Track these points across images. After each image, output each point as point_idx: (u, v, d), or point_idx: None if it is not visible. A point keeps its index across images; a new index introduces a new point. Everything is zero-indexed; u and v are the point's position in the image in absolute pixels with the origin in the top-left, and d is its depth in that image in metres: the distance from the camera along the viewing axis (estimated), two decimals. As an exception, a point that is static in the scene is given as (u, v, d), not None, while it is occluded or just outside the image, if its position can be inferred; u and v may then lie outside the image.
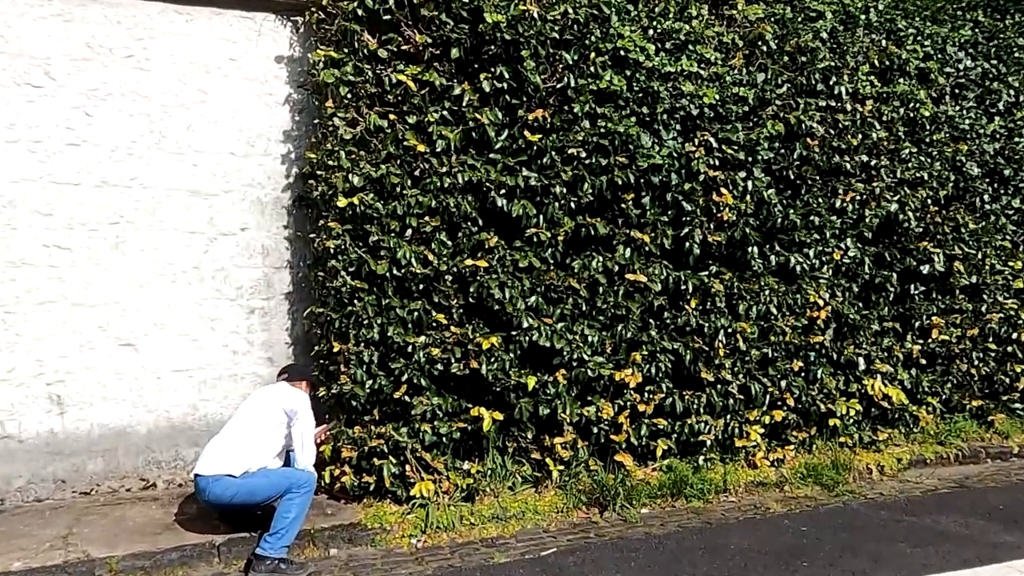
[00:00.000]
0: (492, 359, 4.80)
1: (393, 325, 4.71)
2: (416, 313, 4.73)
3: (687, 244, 5.21)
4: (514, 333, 4.86)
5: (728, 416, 5.41)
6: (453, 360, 4.77)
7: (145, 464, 5.11)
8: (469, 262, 4.77)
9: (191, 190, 5.12)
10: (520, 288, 4.85)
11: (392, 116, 4.76)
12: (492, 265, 4.81)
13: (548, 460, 5.00)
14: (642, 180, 5.07)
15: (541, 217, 4.93)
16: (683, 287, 5.23)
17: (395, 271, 4.73)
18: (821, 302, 5.58)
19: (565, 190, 4.93)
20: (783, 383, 5.53)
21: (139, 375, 5.05)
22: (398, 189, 4.73)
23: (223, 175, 5.19)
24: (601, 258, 5.04)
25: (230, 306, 5.25)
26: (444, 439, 4.82)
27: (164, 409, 5.12)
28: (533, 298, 4.89)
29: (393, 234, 4.74)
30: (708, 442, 5.34)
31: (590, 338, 4.98)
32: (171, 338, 5.11)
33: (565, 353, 4.91)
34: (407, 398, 4.79)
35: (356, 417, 4.88)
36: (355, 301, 4.72)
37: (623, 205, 5.08)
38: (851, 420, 5.78)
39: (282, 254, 5.37)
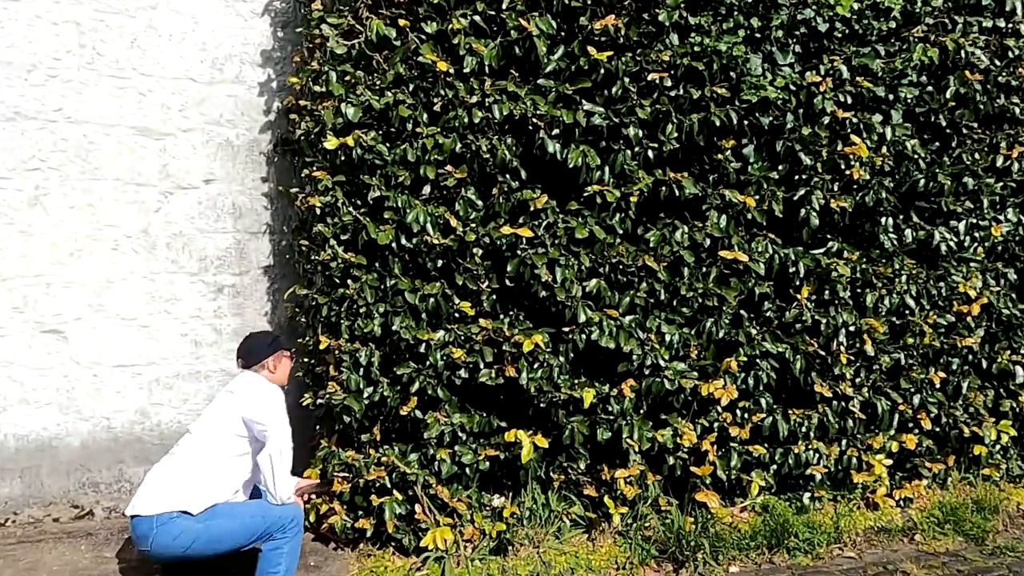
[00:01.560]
0: (535, 365, 3.50)
1: (400, 315, 3.43)
2: (432, 300, 3.43)
3: (802, 211, 3.83)
4: (566, 330, 3.55)
5: (844, 442, 4.08)
6: (482, 365, 3.48)
7: (79, 487, 3.92)
8: (507, 230, 3.45)
9: (137, 128, 3.84)
10: (576, 268, 3.53)
11: (403, 23, 3.41)
12: (539, 235, 3.49)
13: (607, 499, 3.72)
14: (746, 121, 3.69)
15: (607, 170, 3.58)
16: (792, 269, 3.86)
17: (404, 241, 3.43)
18: (972, 292, 4.17)
19: (642, 133, 3.57)
20: (916, 399, 4.17)
21: (70, 371, 3.84)
22: (409, 126, 3.40)
23: (180, 108, 3.90)
24: (687, 228, 3.69)
25: (191, 283, 4.00)
26: (468, 470, 3.56)
27: (103, 416, 3.91)
28: (593, 281, 3.57)
29: (402, 189, 3.43)
30: (818, 476, 4.01)
31: (668, 337, 3.65)
32: (112, 324, 3.88)
33: (635, 357, 3.60)
34: (418, 414, 3.52)
35: (351, 435, 3.62)
36: (349, 281, 3.43)
37: (719, 155, 3.70)
38: (999, 447, 4.41)
39: (259, 215, 4.09)
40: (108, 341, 3.89)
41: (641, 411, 3.74)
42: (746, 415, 3.87)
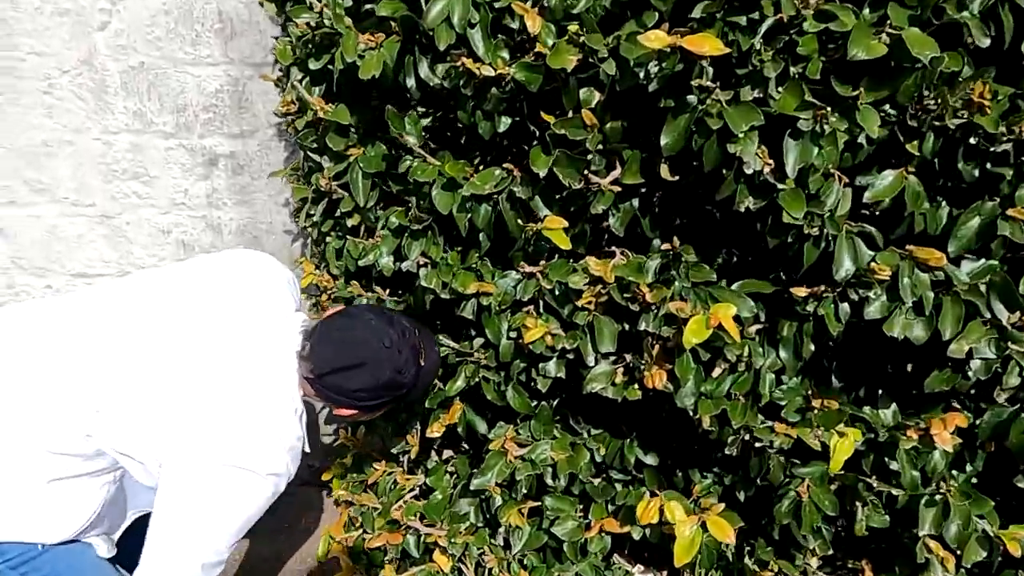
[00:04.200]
0: (715, 369, 1.52)
1: (424, 238, 1.61)
2: (486, 209, 1.55)
3: None
4: (801, 293, 1.49)
5: None
6: (592, 356, 1.57)
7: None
8: (659, 38, 1.37)
9: None
10: (834, 137, 1.39)
11: None
12: (760, 49, 1.37)
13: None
14: None
15: None
16: None
17: (426, 71, 1.52)
18: None
19: None
20: None
21: (14, 278, 2.61)
22: None
23: None
24: None
25: (167, 149, 2.48)
26: (566, 545, 1.78)
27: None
28: (891, 177, 1.42)
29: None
30: None
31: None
32: (59, 211, 2.53)
33: (975, 365, 1.46)
34: (479, 423, 1.78)
35: (351, 459, 2.01)
36: (324, 159, 1.65)
37: None
38: None
39: (264, 33, 2.37)
40: (58, 239, 2.56)
41: (967, 469, 1.65)
42: None
